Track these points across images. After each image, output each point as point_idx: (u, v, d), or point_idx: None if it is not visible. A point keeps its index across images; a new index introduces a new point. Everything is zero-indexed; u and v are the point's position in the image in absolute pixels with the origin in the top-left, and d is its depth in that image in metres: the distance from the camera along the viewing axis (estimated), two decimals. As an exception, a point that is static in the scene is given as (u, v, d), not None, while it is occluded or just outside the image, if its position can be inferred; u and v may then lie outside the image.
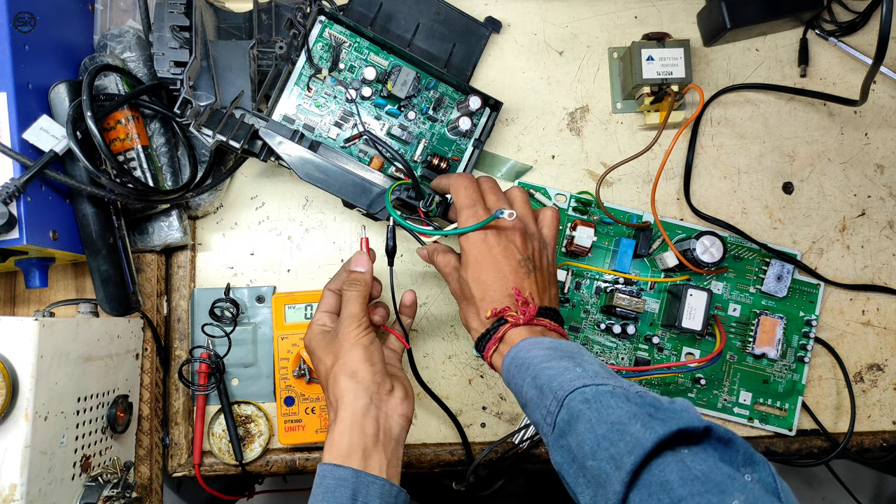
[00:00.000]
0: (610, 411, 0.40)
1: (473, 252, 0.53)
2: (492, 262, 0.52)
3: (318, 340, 0.56)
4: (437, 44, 0.69)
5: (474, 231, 0.53)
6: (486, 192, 0.56)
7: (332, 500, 0.47)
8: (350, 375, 0.52)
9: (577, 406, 0.42)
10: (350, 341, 0.54)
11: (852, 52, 0.73)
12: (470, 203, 0.54)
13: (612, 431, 0.39)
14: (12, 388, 0.49)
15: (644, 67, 0.67)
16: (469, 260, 0.53)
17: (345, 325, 0.55)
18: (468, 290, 0.53)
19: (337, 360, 0.53)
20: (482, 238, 0.53)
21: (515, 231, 0.53)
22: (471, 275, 0.53)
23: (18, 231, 0.54)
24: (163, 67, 0.60)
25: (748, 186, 0.72)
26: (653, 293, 0.70)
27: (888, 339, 0.72)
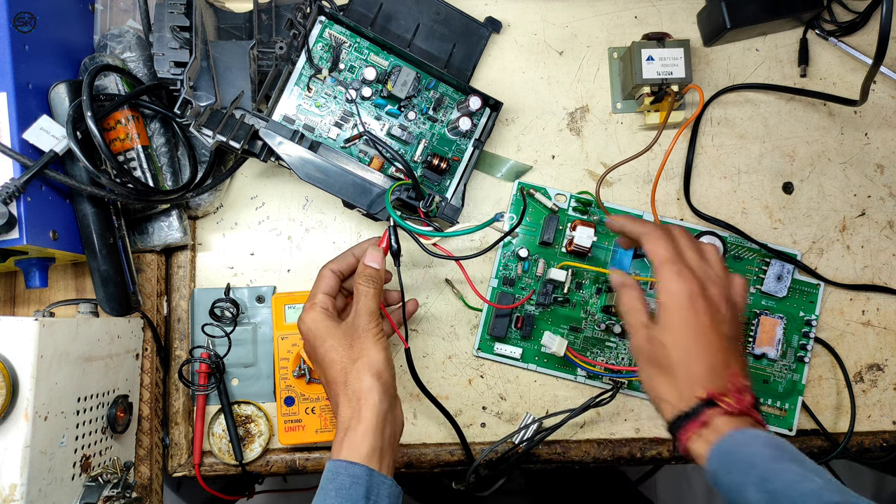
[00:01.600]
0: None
1: (679, 313, 0.48)
2: (698, 328, 0.47)
3: (327, 326, 0.54)
4: (437, 44, 0.69)
5: (665, 283, 0.49)
6: (685, 248, 0.52)
7: (347, 497, 0.47)
8: (376, 376, 0.52)
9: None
10: (372, 339, 0.53)
11: (852, 52, 0.73)
12: (672, 258, 0.50)
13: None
14: (12, 388, 0.49)
15: (644, 67, 0.67)
16: (672, 321, 0.48)
17: (364, 320, 0.54)
18: (666, 357, 0.47)
19: (361, 357, 0.52)
20: (689, 299, 0.48)
21: (721, 297, 0.49)
22: (672, 339, 0.47)
23: (18, 231, 0.54)
24: (163, 68, 0.60)
25: (748, 186, 0.72)
26: (653, 293, 0.70)
27: (888, 339, 0.72)
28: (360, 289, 0.55)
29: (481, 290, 0.70)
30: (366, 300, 0.55)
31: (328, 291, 0.57)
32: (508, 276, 0.70)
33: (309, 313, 0.55)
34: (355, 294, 0.56)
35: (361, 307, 0.55)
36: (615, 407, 0.71)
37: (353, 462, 0.49)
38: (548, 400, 0.70)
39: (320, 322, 0.55)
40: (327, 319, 0.55)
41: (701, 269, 0.50)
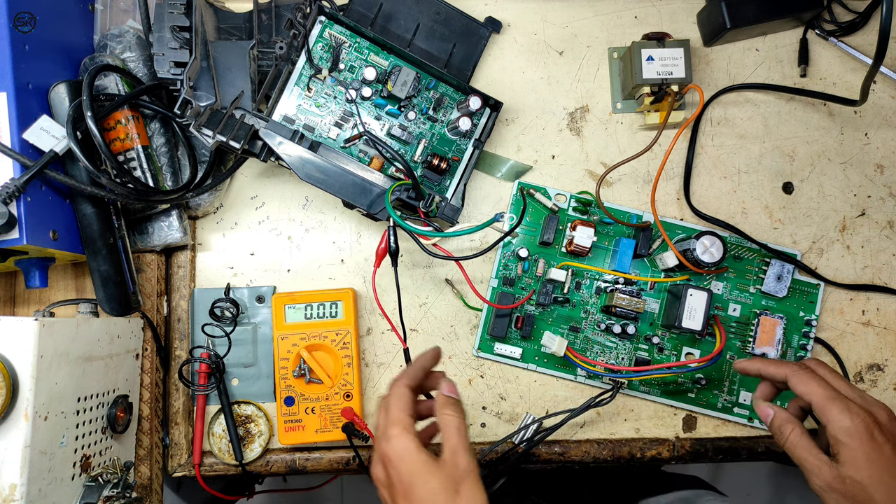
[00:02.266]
0: None
1: (863, 450, 0.48)
2: (888, 461, 0.48)
3: (426, 462, 0.47)
4: (437, 44, 0.69)
5: (838, 421, 0.49)
6: (833, 378, 0.53)
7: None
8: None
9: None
10: (478, 481, 0.47)
11: (852, 52, 0.73)
12: (833, 394, 0.51)
13: None
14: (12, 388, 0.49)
15: (644, 67, 0.67)
16: (860, 459, 0.48)
17: (466, 459, 0.48)
18: (867, 496, 0.47)
19: (464, 499, 0.47)
20: (868, 433, 0.48)
21: (892, 420, 0.50)
22: (868, 477, 0.47)
23: (18, 231, 0.54)
24: (163, 68, 0.60)
25: (748, 186, 0.72)
26: (653, 293, 0.70)
27: (888, 339, 0.72)
28: (451, 421, 0.50)
29: (481, 290, 0.70)
30: (459, 436, 0.49)
31: (411, 413, 0.50)
32: (508, 276, 0.70)
33: (401, 440, 0.48)
34: (446, 427, 0.50)
35: (460, 444, 0.48)
36: (615, 407, 0.71)
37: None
38: (548, 400, 0.70)
39: (417, 455, 0.47)
40: (424, 453, 0.48)
41: (860, 398, 0.52)
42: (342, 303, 0.68)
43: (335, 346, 0.67)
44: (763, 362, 0.57)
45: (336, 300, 0.68)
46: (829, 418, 0.50)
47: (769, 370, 0.56)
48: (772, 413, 0.54)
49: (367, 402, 0.70)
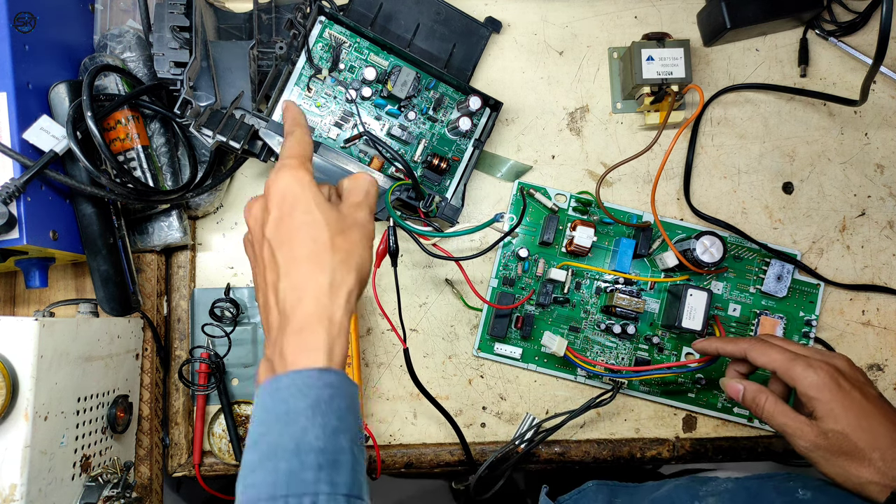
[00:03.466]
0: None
1: (834, 400, 0.49)
2: (859, 404, 0.49)
3: (317, 198, 0.43)
4: (437, 44, 0.69)
5: (804, 379, 0.50)
6: (787, 344, 0.54)
7: (329, 412, 0.39)
8: (361, 270, 0.43)
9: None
10: (363, 239, 0.44)
11: (852, 52, 0.73)
12: (790, 356, 0.52)
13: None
14: (12, 388, 0.49)
15: (644, 67, 0.66)
16: (834, 409, 0.49)
17: (365, 215, 0.45)
18: (850, 444, 0.48)
19: (352, 250, 0.43)
20: (835, 383, 0.49)
21: (851, 367, 0.51)
22: (847, 424, 0.48)
23: (18, 231, 0.54)
24: (163, 68, 0.60)
25: (748, 186, 0.72)
26: (653, 293, 0.70)
27: (888, 339, 0.72)
28: (361, 183, 0.46)
29: (481, 290, 0.70)
30: (369, 195, 0.46)
31: (310, 158, 0.46)
32: (508, 276, 0.70)
33: (296, 172, 0.43)
34: (353, 186, 0.46)
35: (364, 202, 0.46)
36: (615, 407, 0.71)
37: (327, 369, 0.39)
38: (548, 400, 0.70)
39: (309, 188, 0.43)
40: (319, 191, 0.44)
41: (818, 354, 0.52)
42: (342, 303, 0.68)
43: (335, 346, 0.67)
44: (720, 341, 0.58)
45: (336, 300, 0.68)
46: (794, 377, 0.51)
47: (727, 348, 0.57)
48: (741, 388, 0.55)
49: (367, 401, 0.70)
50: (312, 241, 0.42)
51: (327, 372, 0.39)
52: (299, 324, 0.40)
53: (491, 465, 0.66)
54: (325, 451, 0.37)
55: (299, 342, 0.40)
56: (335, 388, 0.39)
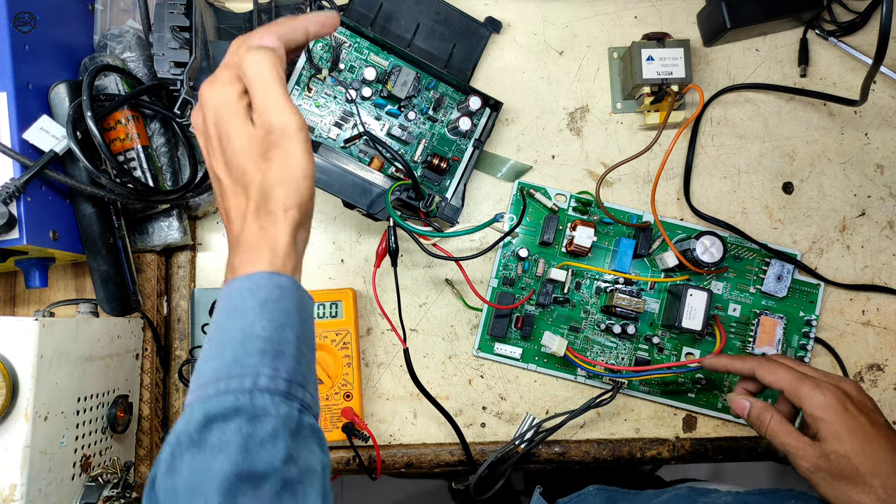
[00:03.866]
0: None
1: (839, 422, 0.49)
2: (865, 429, 0.48)
3: (238, 117, 0.42)
4: (437, 44, 0.69)
5: (810, 399, 0.49)
6: (796, 364, 0.54)
7: (277, 310, 0.40)
8: (309, 167, 0.42)
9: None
10: (292, 147, 0.42)
11: (852, 52, 0.73)
12: (799, 376, 0.52)
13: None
14: (12, 388, 0.49)
15: (644, 67, 0.66)
16: (838, 431, 0.48)
17: (277, 116, 0.41)
18: (852, 468, 0.48)
19: (275, 168, 0.42)
20: (841, 405, 0.49)
21: (859, 392, 0.51)
22: (850, 448, 0.48)
23: (18, 231, 0.54)
24: (163, 68, 0.60)
25: (748, 186, 0.72)
26: (653, 293, 0.70)
27: (888, 339, 0.72)
28: (255, 68, 0.42)
29: (481, 290, 0.70)
30: (271, 87, 0.42)
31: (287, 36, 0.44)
32: (508, 276, 0.70)
33: (224, 89, 0.42)
34: (250, 80, 0.42)
35: (267, 100, 0.42)
36: (615, 407, 0.71)
37: (279, 273, 0.40)
38: (548, 400, 0.70)
39: (234, 106, 0.42)
40: (242, 106, 0.42)
41: (825, 375, 0.52)
42: (342, 303, 0.68)
43: (335, 346, 0.67)
44: (729, 358, 0.58)
45: (336, 300, 0.68)
46: (801, 397, 0.50)
47: (735, 365, 0.57)
48: (747, 405, 0.55)
49: (367, 402, 0.70)
50: (244, 163, 0.41)
51: (277, 275, 0.40)
52: (245, 246, 0.41)
53: (491, 465, 0.66)
54: (270, 340, 0.38)
55: (248, 260, 0.41)
56: (284, 289, 0.40)
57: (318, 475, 0.38)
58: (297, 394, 0.38)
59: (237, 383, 0.37)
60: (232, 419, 0.36)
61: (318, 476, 0.37)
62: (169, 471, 0.35)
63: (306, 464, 0.37)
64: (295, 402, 0.38)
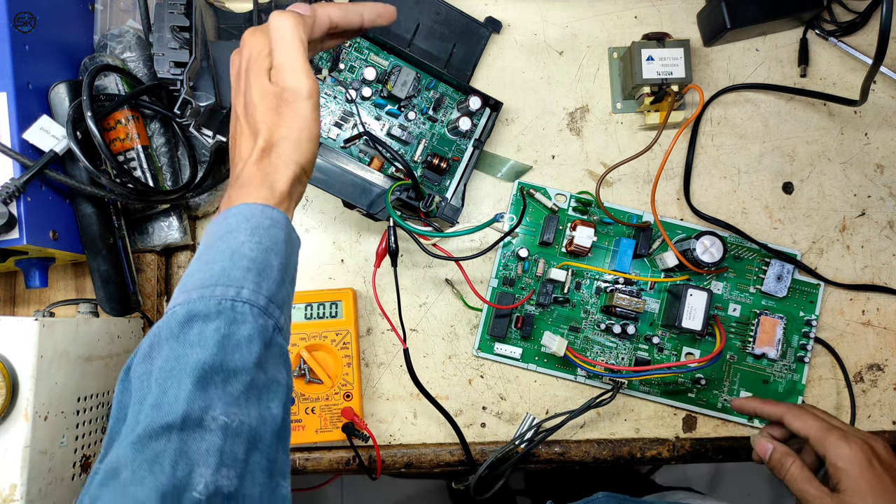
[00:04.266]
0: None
1: (863, 477, 0.49)
2: (887, 488, 0.48)
3: (263, 73, 0.45)
4: (437, 44, 0.69)
5: (836, 450, 0.50)
6: (824, 415, 0.55)
7: (266, 236, 0.42)
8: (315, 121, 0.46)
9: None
10: (303, 108, 0.45)
11: (852, 52, 0.73)
12: (828, 426, 0.52)
13: None
14: (12, 388, 0.49)
15: (644, 67, 0.66)
16: (861, 486, 0.48)
17: (292, 78, 0.45)
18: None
19: (285, 123, 0.45)
20: (867, 461, 0.49)
21: (891, 455, 0.51)
22: (870, 503, 0.48)
23: (18, 231, 0.54)
24: (163, 68, 0.60)
25: (748, 186, 0.72)
26: (653, 293, 0.70)
27: (888, 339, 0.72)
28: (278, 31, 0.45)
29: (481, 290, 0.70)
30: (291, 49, 0.45)
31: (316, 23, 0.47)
32: (508, 276, 0.70)
33: (284, 19, 0.45)
34: (272, 41, 0.46)
35: (286, 61, 0.45)
36: (615, 407, 0.71)
37: (272, 207, 0.43)
38: (548, 400, 0.70)
39: (263, 61, 0.45)
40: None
41: (854, 430, 0.52)
42: (342, 303, 0.68)
43: (335, 346, 0.67)
44: (758, 402, 0.58)
45: (336, 300, 0.68)
46: (827, 447, 0.50)
47: (765, 410, 0.57)
48: (770, 448, 0.55)
49: (367, 402, 0.70)
50: (258, 112, 0.45)
51: (271, 208, 0.43)
52: (244, 181, 0.44)
53: (491, 465, 0.66)
54: (256, 260, 0.41)
55: (245, 194, 0.44)
56: (275, 221, 0.43)
57: (283, 389, 0.40)
58: (274, 313, 0.41)
59: (221, 291, 0.39)
60: (213, 320, 0.38)
61: (281, 389, 0.40)
62: (145, 358, 0.38)
63: (273, 375, 0.40)
64: (271, 319, 0.41)
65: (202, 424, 0.35)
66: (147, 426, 0.35)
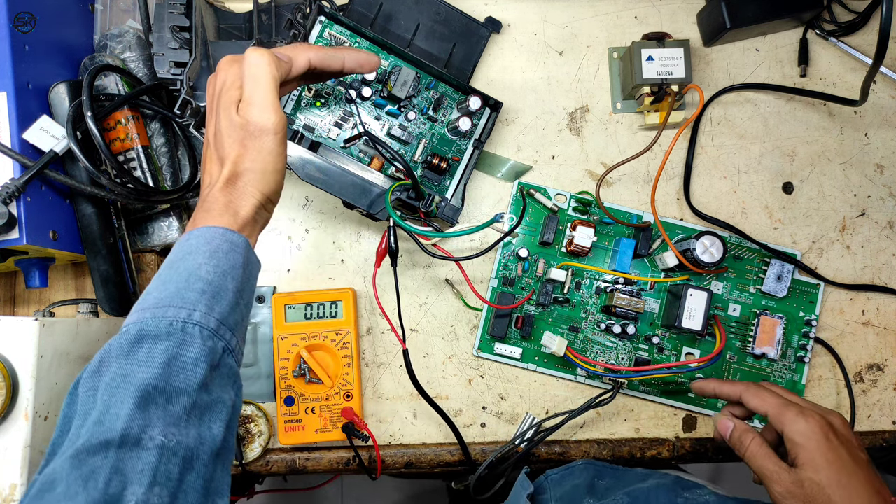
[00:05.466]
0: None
1: (820, 451, 0.49)
2: (844, 462, 0.48)
3: (231, 106, 0.46)
4: (437, 44, 0.69)
5: (793, 425, 0.50)
6: (783, 392, 0.55)
7: (225, 260, 0.44)
8: (282, 142, 0.48)
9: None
10: (266, 143, 0.46)
11: (852, 52, 0.73)
12: (785, 402, 0.52)
13: None
14: (12, 388, 0.49)
15: (644, 67, 0.66)
16: (817, 460, 0.48)
17: (257, 113, 0.46)
18: (825, 498, 0.47)
19: (250, 154, 0.46)
20: (824, 435, 0.49)
21: (845, 426, 0.51)
22: (826, 478, 0.48)
23: (18, 231, 0.54)
24: (163, 68, 0.60)
25: (748, 186, 0.72)
26: (653, 293, 0.70)
27: (888, 339, 0.72)
28: (252, 70, 0.46)
29: (481, 290, 0.70)
30: (260, 86, 0.46)
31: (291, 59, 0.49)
32: (508, 276, 0.70)
33: (262, 55, 0.46)
34: (245, 78, 0.47)
35: (253, 96, 0.46)
36: (615, 407, 0.71)
37: (232, 230, 0.45)
38: (548, 400, 0.70)
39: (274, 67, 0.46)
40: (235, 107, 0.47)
41: (811, 405, 0.52)
42: (342, 303, 0.68)
43: (335, 346, 0.68)
44: (717, 383, 0.58)
45: (336, 300, 0.68)
46: (784, 423, 0.50)
47: (724, 389, 0.57)
48: (731, 426, 0.55)
49: (367, 402, 0.70)
50: (225, 140, 0.46)
51: (232, 233, 0.45)
52: (209, 206, 0.46)
53: (491, 464, 0.66)
54: (212, 283, 0.42)
55: (209, 218, 0.45)
56: (235, 245, 0.45)
57: (227, 410, 0.41)
58: (225, 336, 0.42)
59: (174, 312, 0.40)
60: (162, 340, 0.39)
61: (226, 410, 0.41)
62: (94, 373, 0.39)
63: (218, 396, 0.41)
64: (221, 341, 0.42)
65: (139, 443, 0.36)
66: (87, 441, 0.35)
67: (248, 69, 0.46)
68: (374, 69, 0.54)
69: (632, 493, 0.58)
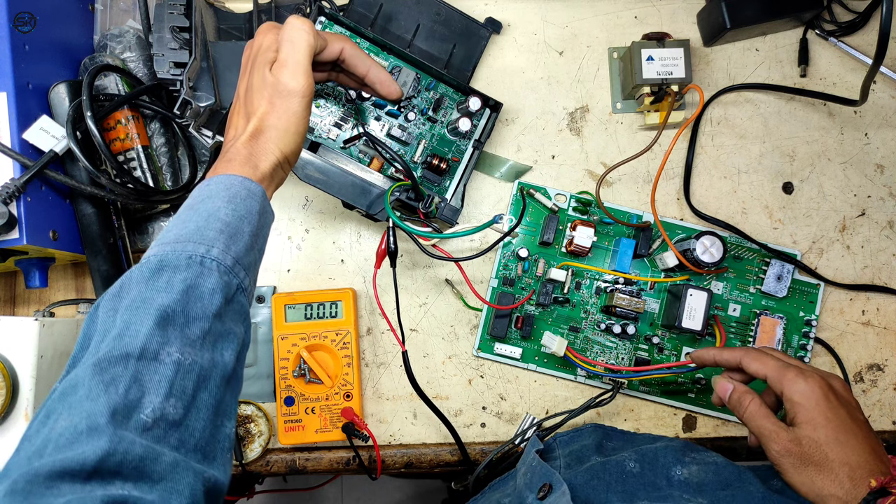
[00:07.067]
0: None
1: (818, 410, 0.48)
2: (843, 420, 0.48)
3: (266, 63, 0.49)
4: (437, 44, 0.69)
5: (793, 385, 0.49)
6: (782, 356, 0.54)
7: (242, 206, 0.46)
8: (307, 108, 0.50)
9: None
10: (292, 105, 0.49)
11: (852, 52, 0.73)
12: (785, 364, 0.52)
13: None
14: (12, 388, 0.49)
15: (644, 67, 0.67)
16: (816, 418, 0.48)
17: (290, 75, 0.49)
18: (822, 455, 0.47)
19: (275, 112, 0.49)
20: (823, 395, 0.49)
21: (844, 387, 0.51)
22: (824, 436, 0.47)
23: (18, 231, 0.54)
24: (163, 68, 0.60)
25: (748, 186, 0.72)
26: (653, 293, 0.70)
27: (888, 339, 0.72)
28: (289, 34, 0.50)
29: (481, 290, 0.70)
30: (296, 51, 0.49)
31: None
32: (508, 276, 0.70)
33: (303, 24, 0.49)
34: (282, 41, 0.50)
35: (288, 58, 0.49)
36: (615, 407, 0.71)
37: (251, 179, 0.48)
38: (548, 400, 0.70)
39: (265, 53, 0.50)
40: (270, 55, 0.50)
41: (813, 368, 0.52)
42: (342, 303, 0.68)
43: (335, 346, 0.68)
44: (717, 350, 0.57)
45: (336, 300, 0.68)
46: (784, 384, 0.50)
47: (723, 356, 0.56)
48: (730, 387, 0.55)
49: (367, 402, 0.70)
50: (256, 96, 0.49)
51: (250, 181, 0.47)
52: (231, 157, 0.48)
53: (490, 464, 0.66)
54: (230, 225, 0.45)
55: (230, 167, 0.48)
56: (253, 193, 0.47)
57: (238, 340, 0.43)
58: (240, 274, 0.44)
59: (193, 247, 0.42)
60: (181, 271, 0.41)
61: (237, 340, 0.43)
62: (114, 297, 0.41)
63: (231, 328, 0.43)
64: (235, 279, 0.44)
65: (157, 358, 0.38)
66: (108, 353, 0.37)
67: (289, 32, 0.49)
68: (391, 94, 0.56)
69: (639, 451, 0.58)
